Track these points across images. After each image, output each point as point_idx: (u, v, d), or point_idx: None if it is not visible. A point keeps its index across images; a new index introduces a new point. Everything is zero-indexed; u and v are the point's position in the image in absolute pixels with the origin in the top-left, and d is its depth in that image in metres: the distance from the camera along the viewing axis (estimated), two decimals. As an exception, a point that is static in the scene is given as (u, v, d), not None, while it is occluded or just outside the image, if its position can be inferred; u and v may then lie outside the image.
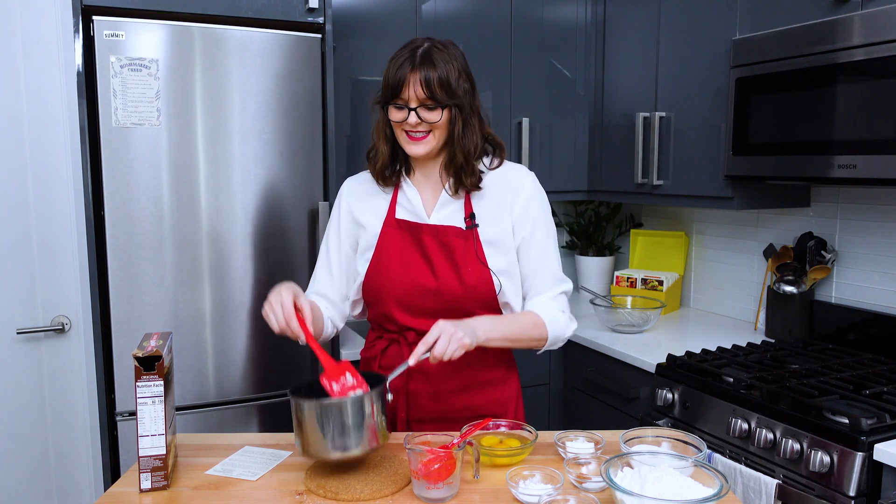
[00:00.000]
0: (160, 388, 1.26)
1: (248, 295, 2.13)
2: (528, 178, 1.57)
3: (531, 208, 1.55)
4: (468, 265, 1.50)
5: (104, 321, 2.02)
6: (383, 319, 1.57)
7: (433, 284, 1.50)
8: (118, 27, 1.92)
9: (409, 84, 1.42)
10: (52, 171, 2.29)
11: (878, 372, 1.95)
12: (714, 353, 2.16)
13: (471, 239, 1.51)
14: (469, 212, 1.53)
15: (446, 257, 1.51)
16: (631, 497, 1.10)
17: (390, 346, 1.56)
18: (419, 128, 1.46)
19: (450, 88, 1.43)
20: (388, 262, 1.53)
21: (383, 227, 1.55)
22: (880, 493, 1.55)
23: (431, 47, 1.45)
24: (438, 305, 1.50)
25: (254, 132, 2.10)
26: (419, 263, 1.52)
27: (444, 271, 1.50)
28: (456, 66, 1.46)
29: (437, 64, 1.43)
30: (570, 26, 2.85)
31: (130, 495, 1.27)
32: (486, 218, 1.53)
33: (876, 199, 2.21)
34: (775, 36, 2.04)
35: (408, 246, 1.53)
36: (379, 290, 1.54)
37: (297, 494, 1.27)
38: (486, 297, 1.52)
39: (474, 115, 1.51)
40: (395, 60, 1.45)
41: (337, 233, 1.62)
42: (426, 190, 1.57)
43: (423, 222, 1.54)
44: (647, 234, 3.04)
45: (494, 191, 1.55)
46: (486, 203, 1.54)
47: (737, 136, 2.17)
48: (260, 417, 2.19)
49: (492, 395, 1.58)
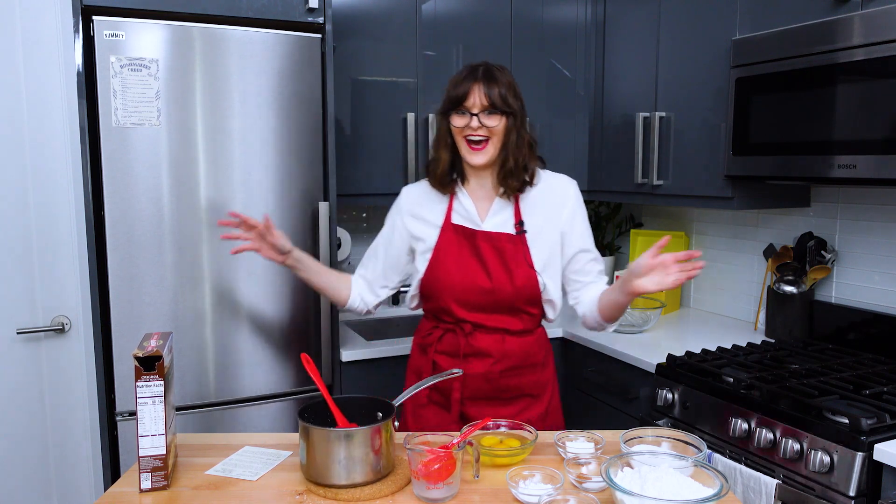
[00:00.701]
0: (160, 388, 1.26)
1: (248, 295, 2.13)
2: (572, 186, 1.80)
3: (577, 214, 1.78)
4: (518, 268, 1.70)
5: (104, 321, 2.02)
6: (440, 312, 1.76)
7: (488, 285, 1.70)
8: (118, 27, 1.92)
9: (473, 93, 1.64)
10: (52, 171, 2.29)
11: (878, 372, 1.95)
12: (714, 353, 2.16)
13: (520, 244, 1.71)
14: (518, 219, 1.73)
15: (499, 261, 1.70)
16: (631, 497, 1.10)
17: (446, 334, 1.76)
18: (479, 132, 1.65)
19: (507, 99, 1.65)
20: (446, 264, 1.72)
21: (441, 232, 1.75)
22: (880, 493, 1.55)
23: (490, 66, 1.69)
24: (491, 302, 1.71)
25: (254, 132, 2.10)
26: (475, 266, 1.71)
27: (498, 273, 1.70)
28: (510, 84, 1.68)
29: (497, 78, 1.66)
30: (570, 26, 2.85)
31: (130, 495, 1.27)
32: (534, 224, 1.73)
33: (876, 199, 2.21)
34: (775, 36, 2.04)
35: (464, 249, 1.73)
36: (437, 288, 1.73)
37: (297, 494, 1.27)
38: (533, 296, 1.72)
39: (524, 128, 1.71)
40: (457, 76, 1.69)
41: (390, 235, 1.85)
42: (480, 198, 1.76)
43: (478, 228, 1.73)
44: (647, 234, 3.04)
45: (540, 199, 1.75)
46: (534, 210, 1.74)
47: (737, 136, 2.17)
48: (260, 417, 2.19)
49: (534, 376, 1.78)
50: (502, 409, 1.72)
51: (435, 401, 1.78)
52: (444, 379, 1.54)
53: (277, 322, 2.18)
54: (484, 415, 1.65)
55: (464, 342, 1.72)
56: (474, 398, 1.74)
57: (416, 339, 1.87)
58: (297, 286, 2.19)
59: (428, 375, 1.71)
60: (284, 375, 2.20)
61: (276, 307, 2.17)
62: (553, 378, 1.85)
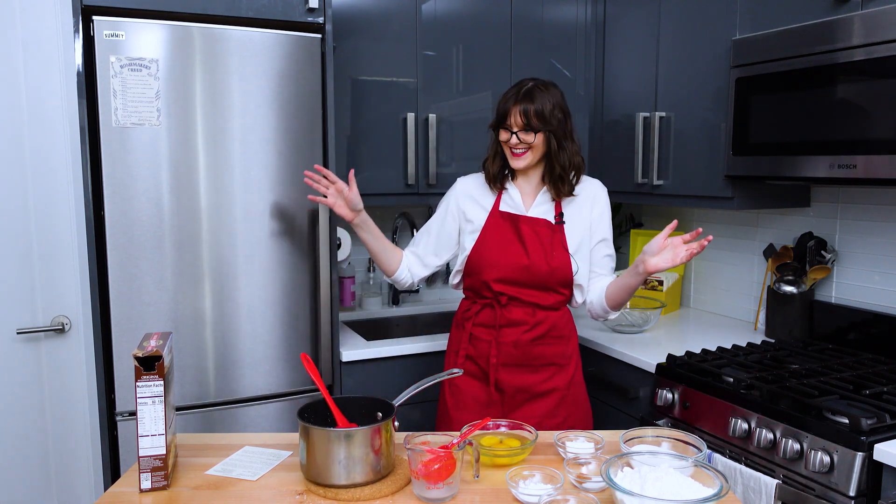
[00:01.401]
0: (160, 388, 1.26)
1: (248, 295, 2.13)
2: (603, 191, 2.05)
3: (605, 214, 2.03)
4: (554, 250, 1.94)
5: (104, 321, 2.02)
6: (481, 287, 1.98)
7: (525, 262, 1.93)
8: (118, 27, 1.92)
9: (511, 114, 1.88)
10: (52, 171, 2.29)
11: (878, 372, 1.95)
12: (714, 353, 2.16)
13: (558, 232, 1.96)
14: (559, 212, 1.98)
15: (538, 242, 1.94)
16: (631, 497, 1.10)
17: (483, 309, 1.98)
18: (519, 147, 1.90)
19: (543, 118, 1.87)
20: (491, 243, 1.96)
21: (489, 216, 1.99)
22: (880, 493, 1.55)
23: (535, 86, 1.89)
24: (528, 278, 1.93)
25: (254, 132, 2.10)
26: (516, 245, 1.95)
27: (536, 252, 1.93)
28: (551, 101, 1.88)
29: (536, 99, 1.87)
30: (570, 26, 2.85)
31: (130, 495, 1.27)
32: (572, 218, 1.98)
33: (876, 199, 2.21)
34: (775, 36, 2.04)
35: (508, 231, 1.96)
36: (482, 263, 1.96)
37: (297, 494, 1.27)
38: (566, 277, 1.95)
39: (568, 138, 1.93)
40: (504, 95, 1.93)
41: (443, 216, 2.06)
42: (526, 192, 2.00)
43: (522, 214, 1.97)
44: (647, 234, 3.04)
45: (579, 198, 2.00)
46: (572, 207, 1.99)
47: (737, 136, 2.17)
48: (260, 417, 2.19)
49: (560, 347, 1.99)
50: (531, 377, 1.95)
51: (470, 372, 1.99)
52: (443, 378, 1.54)
53: (277, 322, 2.18)
54: (515, 382, 1.94)
55: (499, 313, 1.95)
56: (506, 364, 1.95)
57: (456, 317, 2.09)
58: (297, 286, 2.19)
59: (463, 347, 1.99)
60: (284, 375, 2.20)
61: (276, 307, 2.17)
62: (576, 352, 2.05)
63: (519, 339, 1.95)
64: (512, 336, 1.95)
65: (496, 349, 1.95)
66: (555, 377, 1.97)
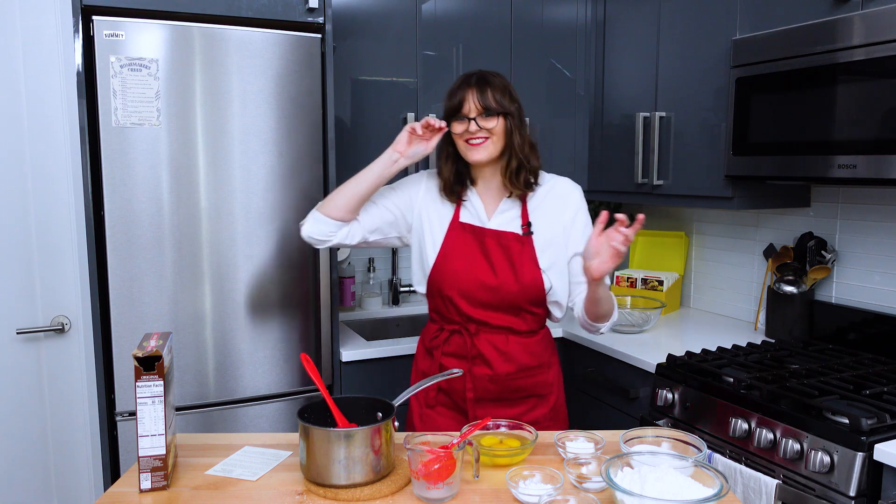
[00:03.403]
0: (160, 388, 1.26)
1: (248, 295, 2.13)
2: (577, 190, 1.84)
3: (580, 217, 1.80)
4: (524, 266, 1.72)
5: (104, 321, 2.02)
6: (445, 310, 1.78)
7: (493, 282, 1.72)
8: (118, 27, 1.92)
9: (468, 99, 1.68)
10: (52, 171, 2.28)
11: (878, 372, 1.95)
12: (714, 353, 2.16)
13: (527, 244, 1.74)
14: (526, 220, 1.76)
15: (505, 259, 1.73)
16: (631, 497, 1.10)
17: (452, 336, 1.78)
18: (478, 135, 1.68)
19: (502, 101, 1.69)
20: (454, 260, 1.75)
21: (449, 228, 1.78)
22: (880, 493, 1.55)
23: (484, 72, 1.73)
24: (496, 300, 1.73)
25: (254, 132, 2.10)
26: (481, 262, 1.74)
27: (504, 271, 1.72)
28: (505, 86, 1.72)
29: (490, 82, 1.70)
30: (570, 26, 2.85)
31: (130, 495, 1.27)
32: (541, 226, 1.76)
33: (876, 199, 2.21)
34: (775, 36, 2.04)
35: (471, 246, 1.75)
36: (444, 282, 1.75)
37: (297, 494, 1.27)
38: (538, 295, 1.74)
39: (524, 128, 1.75)
40: (452, 87, 1.73)
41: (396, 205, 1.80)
42: (487, 198, 1.79)
43: (486, 226, 1.76)
44: (647, 234, 3.04)
45: (547, 200, 1.79)
46: (541, 212, 1.78)
47: (737, 136, 2.17)
48: (260, 417, 2.19)
49: (539, 378, 1.80)
50: (509, 410, 1.76)
51: (442, 402, 1.80)
52: (445, 378, 1.54)
53: (277, 322, 2.18)
54: (493, 416, 1.68)
55: (470, 343, 1.75)
56: (481, 399, 1.77)
57: (422, 341, 1.89)
58: (297, 286, 2.19)
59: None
60: (284, 375, 2.20)
61: (276, 307, 2.17)
62: (558, 377, 1.88)
63: (496, 375, 1.75)
64: (486, 370, 1.75)
65: (471, 383, 1.76)
66: (536, 409, 1.80)
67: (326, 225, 1.74)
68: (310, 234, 1.76)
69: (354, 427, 1.30)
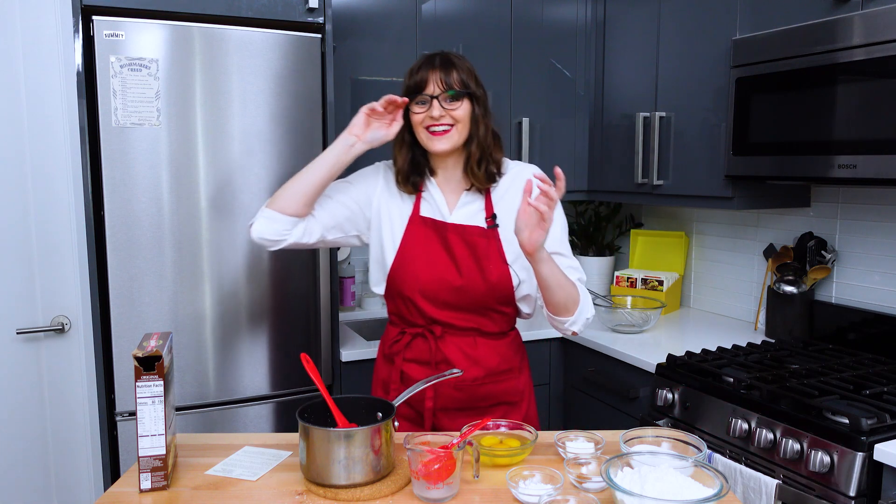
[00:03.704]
0: (160, 388, 1.26)
1: (247, 295, 2.13)
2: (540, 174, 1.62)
3: None
4: (490, 263, 1.60)
5: (104, 321, 2.02)
6: (407, 312, 1.65)
7: (458, 281, 1.60)
8: (118, 27, 1.92)
9: (431, 80, 1.55)
10: (52, 171, 2.28)
11: (878, 372, 1.95)
12: (714, 353, 2.16)
13: (493, 238, 1.62)
14: (491, 213, 1.64)
15: (470, 255, 1.61)
16: (631, 497, 1.10)
17: (415, 340, 1.65)
18: (442, 121, 1.55)
19: (468, 84, 1.57)
20: (415, 258, 1.62)
21: (408, 223, 1.65)
22: (880, 493, 1.55)
23: (447, 53, 1.61)
24: (462, 300, 1.62)
25: (254, 132, 2.10)
26: (444, 260, 1.62)
27: (469, 269, 1.60)
28: (470, 70, 1.61)
29: (455, 63, 1.58)
30: (570, 26, 2.85)
31: (130, 495, 1.27)
32: (506, 217, 1.62)
33: (876, 199, 2.21)
34: (775, 36, 2.04)
35: (433, 242, 1.63)
36: (405, 282, 1.62)
37: (297, 494, 1.27)
38: (507, 294, 1.63)
39: (488, 116, 1.64)
40: (414, 66, 1.60)
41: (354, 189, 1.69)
42: (448, 190, 1.67)
43: (447, 221, 1.63)
44: (647, 234, 3.04)
45: (511, 190, 1.64)
46: (506, 203, 1.64)
47: (737, 136, 2.17)
48: (260, 417, 2.19)
49: (509, 384, 1.69)
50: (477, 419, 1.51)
51: (403, 414, 1.68)
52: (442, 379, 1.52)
53: (277, 322, 2.18)
54: (458, 426, 1.53)
55: (434, 347, 1.62)
56: (446, 409, 1.65)
57: (382, 348, 1.75)
58: (297, 286, 2.19)
59: (396, 387, 1.64)
60: (284, 375, 2.20)
61: (276, 307, 2.17)
62: (529, 384, 1.76)
63: (461, 381, 1.61)
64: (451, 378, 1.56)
65: (433, 391, 1.61)
66: (506, 417, 1.63)
67: (279, 223, 1.59)
68: (261, 234, 1.60)
69: (354, 427, 1.30)
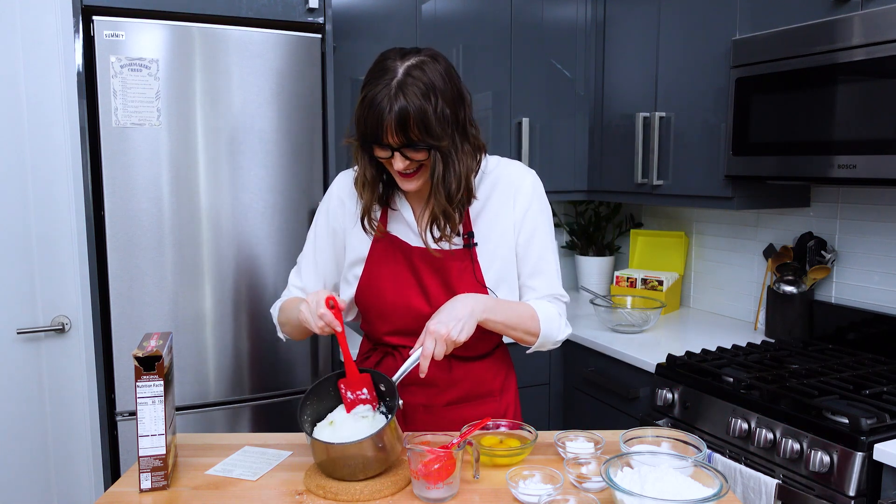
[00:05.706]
0: (160, 388, 1.26)
1: (248, 295, 2.13)
2: (528, 177, 1.48)
3: (531, 210, 1.47)
4: (464, 288, 1.42)
5: (104, 321, 2.02)
6: (375, 332, 1.52)
7: (427, 310, 1.41)
8: (118, 27, 1.92)
9: (387, 133, 1.29)
10: (52, 171, 2.28)
11: (878, 372, 1.95)
12: (714, 353, 2.16)
13: (468, 259, 1.44)
14: (468, 230, 1.44)
15: (440, 282, 1.43)
16: (631, 497, 1.10)
17: (385, 358, 1.51)
18: (409, 168, 1.35)
19: (429, 128, 1.29)
20: (379, 281, 1.46)
21: (373, 241, 1.47)
22: (880, 493, 1.55)
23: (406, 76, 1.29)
24: None
25: (254, 132, 2.10)
26: (412, 287, 1.44)
27: (438, 297, 1.42)
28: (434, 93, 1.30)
29: (409, 96, 1.27)
30: (570, 26, 2.85)
31: (130, 495, 1.27)
32: (486, 233, 1.46)
33: (876, 199, 2.21)
34: (775, 36, 2.04)
35: (399, 265, 1.45)
36: (371, 308, 1.48)
37: (297, 494, 1.27)
38: None
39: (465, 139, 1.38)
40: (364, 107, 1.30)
41: (325, 228, 1.54)
42: (419, 206, 1.47)
43: (415, 245, 1.45)
44: (647, 234, 3.04)
45: (493, 194, 1.47)
46: (486, 216, 1.46)
47: (737, 136, 2.17)
48: (260, 417, 2.19)
49: (489, 407, 1.52)
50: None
51: None
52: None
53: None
54: None
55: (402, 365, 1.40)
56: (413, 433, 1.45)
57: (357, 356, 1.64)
58: (297, 286, 2.19)
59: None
60: (284, 375, 2.20)
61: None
62: (515, 404, 1.58)
63: (431, 403, 1.46)
64: (421, 398, 1.46)
65: (401, 415, 1.43)
66: None
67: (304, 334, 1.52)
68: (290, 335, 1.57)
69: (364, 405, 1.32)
